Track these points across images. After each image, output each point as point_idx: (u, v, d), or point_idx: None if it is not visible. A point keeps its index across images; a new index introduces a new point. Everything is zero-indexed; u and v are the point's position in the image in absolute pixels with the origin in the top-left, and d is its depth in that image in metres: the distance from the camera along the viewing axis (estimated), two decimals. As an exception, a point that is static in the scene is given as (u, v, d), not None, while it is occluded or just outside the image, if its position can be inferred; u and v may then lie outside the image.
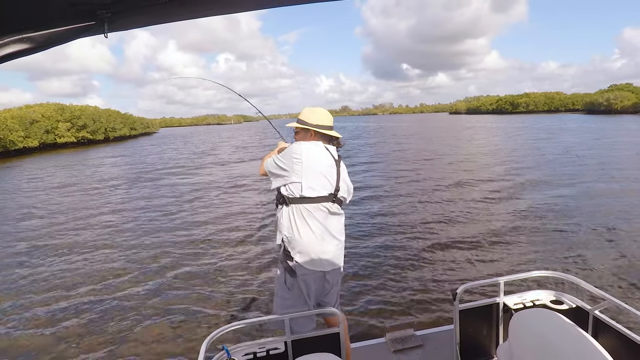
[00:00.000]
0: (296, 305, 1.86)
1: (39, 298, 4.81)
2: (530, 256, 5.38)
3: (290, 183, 1.82)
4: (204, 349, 1.51)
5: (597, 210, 7.55)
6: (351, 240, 6.25)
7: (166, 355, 3.54)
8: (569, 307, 1.89)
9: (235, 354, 1.66)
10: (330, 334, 1.79)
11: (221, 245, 6.58)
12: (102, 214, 9.44)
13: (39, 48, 0.79)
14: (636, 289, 4.30)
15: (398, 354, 2.47)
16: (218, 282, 5.06)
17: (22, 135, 35.47)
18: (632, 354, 1.52)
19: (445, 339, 2.51)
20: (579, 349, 1.25)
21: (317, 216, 1.82)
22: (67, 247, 6.86)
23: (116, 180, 15.17)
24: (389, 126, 59.12)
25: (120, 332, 3.96)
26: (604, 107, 72.40)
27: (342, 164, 1.98)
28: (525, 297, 2.00)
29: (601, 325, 1.70)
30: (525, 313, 1.53)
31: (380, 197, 9.77)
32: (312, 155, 1.85)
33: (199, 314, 4.23)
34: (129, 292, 4.90)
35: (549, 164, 13.86)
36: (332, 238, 1.87)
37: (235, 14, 0.97)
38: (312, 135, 1.97)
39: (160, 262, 5.93)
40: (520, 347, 1.40)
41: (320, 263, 1.83)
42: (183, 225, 7.99)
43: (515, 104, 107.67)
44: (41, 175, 18.21)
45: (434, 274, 4.93)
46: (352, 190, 2.05)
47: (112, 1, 0.83)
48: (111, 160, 24.34)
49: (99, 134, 47.94)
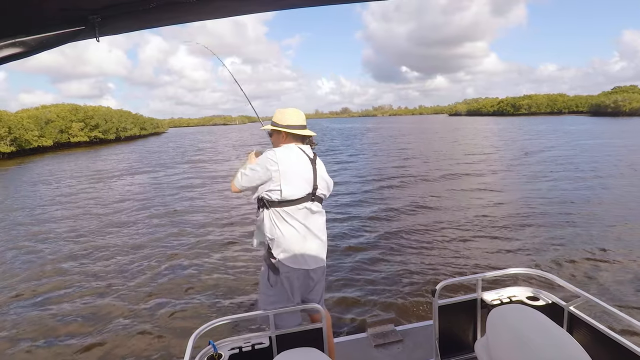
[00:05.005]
0: (280, 302, 1.90)
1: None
2: (509, 253, 5.47)
3: (269, 190, 1.84)
4: (191, 344, 1.54)
5: (574, 211, 7.53)
6: (333, 238, 6.36)
7: (153, 350, 3.59)
8: (545, 303, 1.93)
9: (222, 348, 1.70)
10: (314, 329, 1.83)
11: (209, 241, 6.64)
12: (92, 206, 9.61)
13: (30, 52, 0.81)
14: (609, 285, 4.37)
15: (379, 348, 2.55)
16: (205, 278, 5.12)
17: (37, 135, 36.32)
18: (605, 348, 1.58)
19: (424, 334, 2.59)
20: (554, 344, 1.28)
21: (298, 216, 1.85)
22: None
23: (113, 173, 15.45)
24: (387, 127, 59.08)
25: (104, 327, 4.02)
26: (612, 109, 70.72)
27: (319, 161, 2.00)
28: (502, 294, 2.05)
29: (576, 320, 1.75)
30: (502, 309, 1.56)
31: (362, 194, 9.85)
32: (287, 159, 1.85)
33: (186, 310, 4.30)
34: (113, 286, 5.00)
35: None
36: (314, 237, 1.90)
37: (224, 18, 0.99)
38: (284, 137, 1.97)
39: (146, 256, 6.04)
40: (497, 342, 1.43)
41: (303, 261, 1.86)
42: (173, 221, 8.10)
43: (516, 106, 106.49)
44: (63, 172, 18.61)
45: (414, 270, 5.01)
46: (331, 185, 2.05)
47: (102, 6, 0.85)
48: (119, 157, 24.82)
49: (110, 133, 48.80)
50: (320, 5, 0.97)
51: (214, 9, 0.91)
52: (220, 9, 0.92)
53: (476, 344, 1.70)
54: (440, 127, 53.50)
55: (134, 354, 3.55)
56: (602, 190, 9.22)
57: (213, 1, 0.89)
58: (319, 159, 2.01)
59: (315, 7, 1.00)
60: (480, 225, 6.85)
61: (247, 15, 1.00)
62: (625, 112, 66.68)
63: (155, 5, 0.86)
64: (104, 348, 3.67)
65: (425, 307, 4.02)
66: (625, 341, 1.51)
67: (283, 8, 1.04)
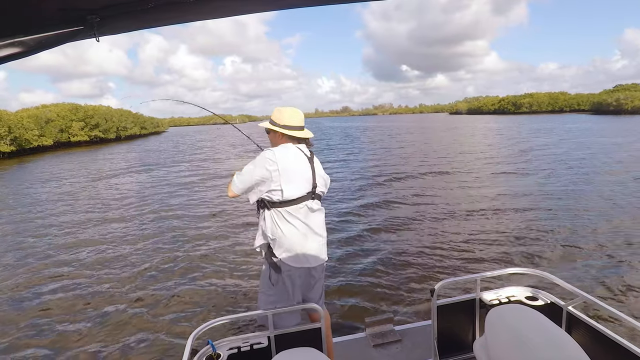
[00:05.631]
0: (280, 301, 1.90)
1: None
2: (508, 253, 5.48)
3: (270, 190, 1.82)
4: (190, 344, 1.54)
5: (576, 211, 7.51)
6: (332, 237, 6.38)
7: (152, 350, 3.60)
8: (544, 303, 1.93)
9: (220, 348, 1.70)
10: (312, 329, 1.83)
11: (209, 241, 6.65)
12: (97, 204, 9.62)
13: (29, 52, 0.81)
14: (609, 284, 4.37)
15: (378, 348, 2.55)
16: (204, 277, 5.13)
17: (37, 134, 36.30)
18: (603, 348, 1.57)
19: (423, 334, 2.59)
20: (553, 343, 1.28)
21: (299, 215, 1.85)
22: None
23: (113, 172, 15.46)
24: (388, 126, 59.02)
25: (101, 326, 4.03)
26: (614, 107, 70.53)
27: (316, 159, 2.00)
28: (501, 293, 2.05)
29: (574, 320, 1.75)
30: (501, 308, 1.56)
31: (360, 193, 9.82)
32: (286, 159, 1.84)
33: (185, 310, 4.30)
34: (111, 285, 5.02)
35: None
36: (314, 235, 1.90)
37: (223, 18, 0.99)
38: (280, 136, 1.96)
39: (145, 256, 6.05)
40: (496, 342, 1.43)
41: (304, 259, 1.87)
42: (172, 220, 8.10)
43: (518, 104, 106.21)
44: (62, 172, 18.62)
45: (413, 270, 5.02)
46: (329, 182, 2.07)
47: (101, 7, 0.85)
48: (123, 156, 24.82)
49: (110, 132, 48.80)
50: (320, 5, 0.97)
51: (213, 9, 0.91)
52: (219, 9, 0.92)
53: (475, 344, 1.70)
54: (440, 125, 53.50)
55: (133, 353, 3.56)
56: (606, 190, 9.18)
57: (212, 1, 0.89)
58: (316, 157, 2.01)
59: (315, 7, 1.00)
60: (479, 224, 6.85)
61: (247, 15, 1.00)
62: (628, 110, 66.54)
63: (154, 5, 0.86)
64: (102, 347, 3.67)
65: (423, 306, 4.01)
66: (624, 341, 1.51)
67: (282, 8, 1.04)
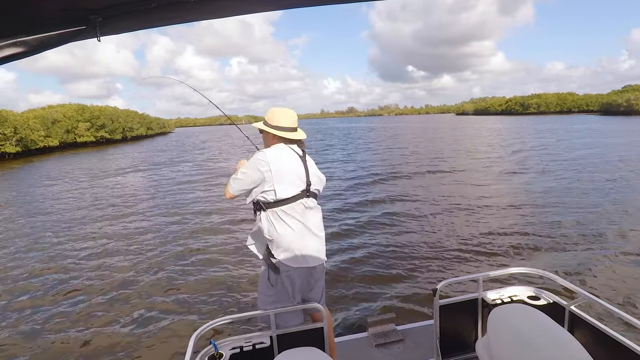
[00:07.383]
0: (280, 302, 1.89)
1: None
2: (510, 252, 5.45)
3: (264, 191, 1.84)
4: (192, 343, 1.54)
5: (573, 207, 7.49)
6: (334, 237, 6.39)
7: (154, 350, 3.60)
8: (546, 303, 1.93)
9: (223, 348, 1.70)
10: (315, 329, 1.83)
11: (210, 241, 6.67)
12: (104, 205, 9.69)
13: (31, 52, 0.81)
14: (611, 284, 4.36)
15: (380, 348, 2.54)
16: (206, 277, 5.14)
17: (43, 135, 36.67)
18: (606, 347, 1.57)
19: (425, 334, 2.58)
20: (555, 343, 1.27)
21: (295, 214, 1.85)
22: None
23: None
24: (394, 126, 58.94)
25: (104, 325, 4.05)
26: (624, 107, 70.00)
27: (308, 158, 2.00)
28: (503, 293, 2.04)
29: (577, 319, 1.75)
30: (503, 308, 1.56)
31: (362, 192, 9.83)
32: (278, 159, 1.85)
33: (187, 310, 4.31)
34: (114, 284, 5.05)
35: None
36: (312, 234, 1.90)
37: (226, 17, 0.98)
38: (272, 137, 1.97)
39: (147, 255, 6.09)
40: (498, 342, 1.42)
41: (303, 259, 1.86)
42: (175, 220, 8.13)
43: (525, 105, 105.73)
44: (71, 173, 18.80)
45: (415, 270, 5.00)
46: (324, 180, 2.06)
47: (103, 6, 0.84)
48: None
49: (116, 133, 49.23)
50: (324, 5, 0.95)
51: (216, 9, 0.90)
52: (222, 9, 0.91)
53: (477, 344, 1.70)
54: (447, 126, 53.31)
55: (135, 353, 3.57)
56: (611, 190, 9.09)
57: (214, 1, 0.88)
58: (309, 157, 2.02)
59: (320, 6, 0.98)
60: (481, 224, 6.80)
61: (250, 14, 0.99)
62: (638, 111, 66.05)
63: (157, 4, 0.85)
64: (104, 347, 3.68)
65: (426, 306, 4.00)
66: (627, 341, 1.50)
67: (285, 7, 1.02)
